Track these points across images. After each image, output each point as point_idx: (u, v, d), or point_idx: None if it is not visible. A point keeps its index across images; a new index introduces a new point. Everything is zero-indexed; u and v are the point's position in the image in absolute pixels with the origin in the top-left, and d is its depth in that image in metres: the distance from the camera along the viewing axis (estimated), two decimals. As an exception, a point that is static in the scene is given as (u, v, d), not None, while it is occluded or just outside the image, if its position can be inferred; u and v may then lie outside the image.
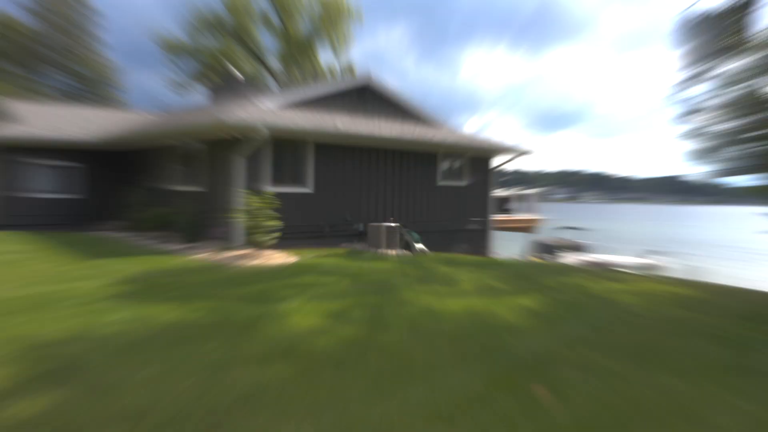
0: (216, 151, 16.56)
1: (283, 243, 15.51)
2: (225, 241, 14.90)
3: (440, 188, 20.25)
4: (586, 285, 11.54)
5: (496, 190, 23.62)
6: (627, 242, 66.24)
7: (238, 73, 25.29)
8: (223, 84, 24.65)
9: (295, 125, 15.41)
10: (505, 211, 24.92)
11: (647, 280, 13.05)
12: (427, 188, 19.83)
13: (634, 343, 6.97)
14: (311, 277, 11.16)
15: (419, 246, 17.52)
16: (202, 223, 16.26)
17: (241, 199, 14.77)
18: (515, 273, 13.05)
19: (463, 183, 20.99)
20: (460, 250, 20.63)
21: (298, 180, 16.62)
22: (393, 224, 17.24)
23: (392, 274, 11.85)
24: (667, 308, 9.40)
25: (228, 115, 14.67)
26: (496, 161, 22.12)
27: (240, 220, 14.15)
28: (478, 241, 21.56)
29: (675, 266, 42.74)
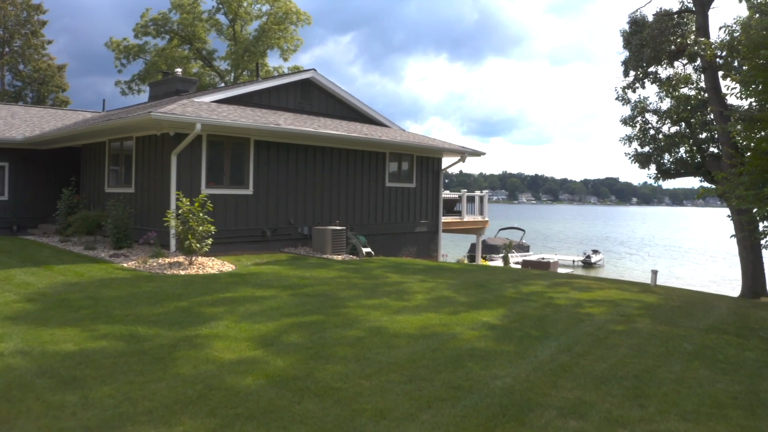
0: (147, 149, 15.14)
1: (221, 248, 14.20)
2: (156, 247, 13.49)
3: (388, 189, 19.20)
4: (549, 294, 10.64)
5: (444, 192, 22.74)
6: (566, 242, 67.16)
7: (178, 71, 23.79)
8: (163, 82, 23.14)
9: (232, 121, 14.08)
10: (454, 212, 24.06)
11: (608, 287, 12.28)
12: (374, 190, 18.74)
13: (625, 372, 5.93)
14: (246, 289, 9.88)
15: (366, 250, 16.43)
16: (133, 227, 14.80)
17: (174, 202, 13.41)
18: (470, 281, 12.07)
19: (411, 184, 20.01)
20: (409, 253, 19.67)
21: (237, 180, 15.29)
22: (339, 227, 16.13)
23: (337, 285, 10.69)
24: (642, 321, 8.52)
25: (157, 110, 13.29)
26: (444, 162, 21.28)
27: (172, 225, 12.78)
28: (426, 244, 20.61)
29: (611, 264, 43.30)
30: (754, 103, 13.44)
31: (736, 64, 17.32)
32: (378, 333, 7.13)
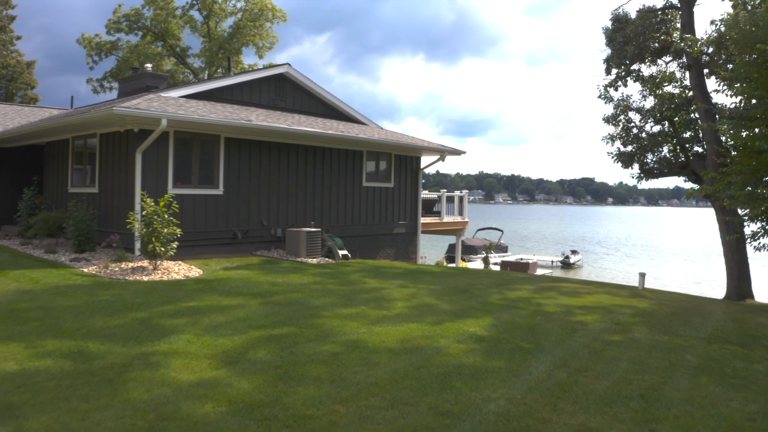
0: (111, 147, 14.34)
1: (189, 252, 13.46)
2: (120, 251, 12.70)
3: (366, 189, 18.55)
4: (536, 300, 10.09)
5: (423, 192, 22.14)
6: (543, 242, 67.09)
7: (148, 66, 22.88)
8: (132, 78, 22.20)
9: (201, 117, 13.34)
10: (433, 213, 23.47)
11: (597, 291, 11.78)
12: (351, 190, 18.08)
13: (630, 391, 5.36)
14: (212, 297, 9.17)
15: (343, 252, 15.76)
16: (96, 229, 13.97)
17: (138, 202, 12.63)
18: (453, 286, 11.48)
19: (390, 184, 19.38)
20: (387, 255, 19.05)
21: (206, 180, 14.54)
22: (314, 229, 15.45)
23: (312, 292, 10.03)
24: (638, 330, 8.00)
25: (120, 105, 12.51)
26: (423, 162, 20.68)
27: (135, 227, 12.00)
28: (405, 246, 20.00)
29: (590, 265, 43.12)
30: (743, 101, 13.05)
31: (721, 61, 16.98)
32: (355, 347, 6.49)
